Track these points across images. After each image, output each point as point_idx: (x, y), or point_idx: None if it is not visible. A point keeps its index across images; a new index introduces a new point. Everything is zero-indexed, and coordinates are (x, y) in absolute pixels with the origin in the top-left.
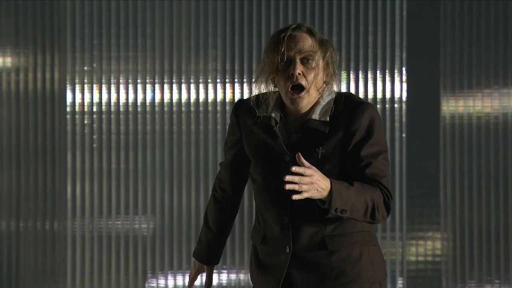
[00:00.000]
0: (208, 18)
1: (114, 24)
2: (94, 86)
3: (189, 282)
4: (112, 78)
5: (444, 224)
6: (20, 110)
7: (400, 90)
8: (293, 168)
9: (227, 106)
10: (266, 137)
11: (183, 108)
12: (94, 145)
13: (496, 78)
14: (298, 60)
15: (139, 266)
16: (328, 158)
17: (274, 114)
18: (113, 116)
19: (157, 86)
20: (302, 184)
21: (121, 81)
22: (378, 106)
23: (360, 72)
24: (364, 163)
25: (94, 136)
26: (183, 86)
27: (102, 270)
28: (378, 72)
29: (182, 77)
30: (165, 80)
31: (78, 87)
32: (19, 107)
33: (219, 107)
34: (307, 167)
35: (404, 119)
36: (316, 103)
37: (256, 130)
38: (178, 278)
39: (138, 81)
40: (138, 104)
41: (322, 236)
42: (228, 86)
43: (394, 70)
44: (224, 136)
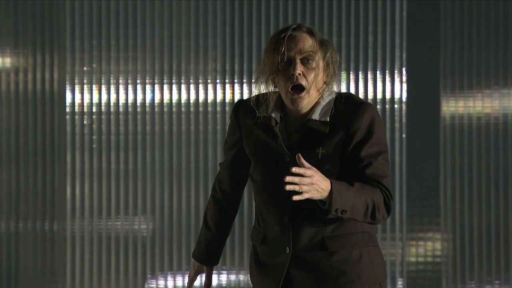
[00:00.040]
0: (208, 18)
1: (113, 24)
2: (94, 86)
3: (188, 282)
4: (111, 78)
5: (444, 224)
6: (19, 111)
7: (400, 90)
8: (293, 169)
9: (227, 107)
10: (266, 137)
11: (183, 108)
12: (94, 145)
13: (496, 78)
14: (298, 60)
15: (139, 266)
16: (328, 159)
17: (274, 115)
18: (112, 116)
19: (156, 87)
20: (302, 184)
21: (120, 81)
22: (378, 106)
23: (360, 72)
24: (364, 163)
25: (94, 136)
26: (183, 87)
27: (101, 270)
28: (378, 72)
29: (182, 77)
30: (164, 80)
31: (77, 88)
32: (19, 108)
33: (219, 108)
34: (307, 168)
35: (404, 120)
36: (316, 104)
37: (256, 131)
38: (177, 278)
39: (138, 81)
40: (138, 104)
41: (322, 236)
42: (228, 86)
43: (394, 71)
44: (224, 136)
